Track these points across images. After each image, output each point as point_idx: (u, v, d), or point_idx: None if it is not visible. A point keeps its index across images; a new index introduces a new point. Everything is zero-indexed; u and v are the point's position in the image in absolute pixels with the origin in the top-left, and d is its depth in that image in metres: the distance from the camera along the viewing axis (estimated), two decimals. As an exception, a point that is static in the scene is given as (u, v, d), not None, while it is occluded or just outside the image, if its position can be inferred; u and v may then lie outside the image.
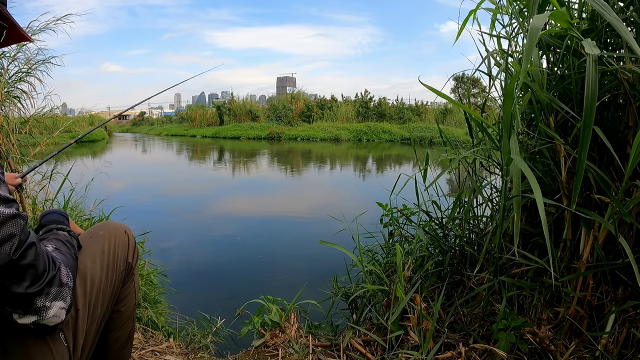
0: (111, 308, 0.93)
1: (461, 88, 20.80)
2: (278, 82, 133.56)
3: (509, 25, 1.53)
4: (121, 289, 0.95)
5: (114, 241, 0.93)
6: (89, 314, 0.82)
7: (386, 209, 1.95)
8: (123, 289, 0.96)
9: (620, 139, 1.19)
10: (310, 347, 1.48)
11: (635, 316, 1.15)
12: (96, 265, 0.86)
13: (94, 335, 0.84)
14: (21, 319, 0.64)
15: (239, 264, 3.41)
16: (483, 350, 1.25)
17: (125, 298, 0.97)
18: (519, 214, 1.03)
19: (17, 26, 0.79)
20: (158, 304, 2.00)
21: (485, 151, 1.58)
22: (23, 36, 0.82)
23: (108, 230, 0.94)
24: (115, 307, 0.95)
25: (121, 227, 0.98)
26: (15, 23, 0.79)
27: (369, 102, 21.94)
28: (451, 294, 1.56)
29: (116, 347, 0.99)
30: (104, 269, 0.88)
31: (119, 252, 0.93)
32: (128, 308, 0.98)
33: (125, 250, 0.95)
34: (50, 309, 0.65)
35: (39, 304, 0.64)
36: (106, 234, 0.93)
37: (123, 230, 0.98)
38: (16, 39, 0.84)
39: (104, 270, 0.88)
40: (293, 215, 5.21)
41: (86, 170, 3.14)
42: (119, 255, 0.93)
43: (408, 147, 15.60)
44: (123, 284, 0.96)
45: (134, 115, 34.44)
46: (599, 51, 0.93)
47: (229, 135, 20.08)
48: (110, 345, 0.97)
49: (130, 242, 0.98)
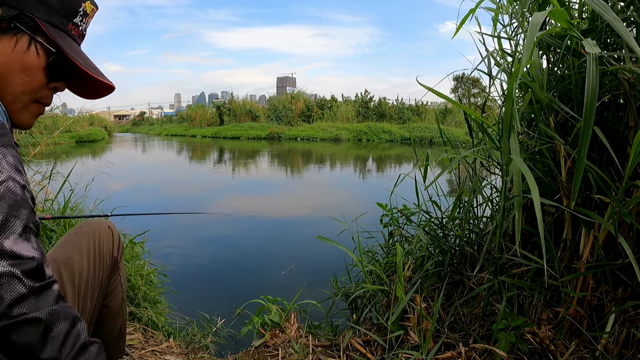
0: (100, 303, 0.95)
1: (461, 88, 20.80)
2: (278, 82, 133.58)
3: (509, 25, 1.53)
4: (107, 284, 0.97)
5: (99, 237, 0.95)
6: (79, 307, 0.84)
7: (386, 209, 1.95)
8: (109, 283, 0.98)
9: (620, 139, 1.19)
10: (310, 347, 1.48)
11: (635, 316, 1.15)
12: (83, 260, 0.88)
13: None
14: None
15: (238, 264, 3.41)
16: (483, 350, 1.25)
17: (112, 292, 0.99)
18: (520, 213, 1.03)
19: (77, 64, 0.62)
20: (158, 304, 2.00)
21: (485, 151, 1.58)
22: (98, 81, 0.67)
23: (92, 226, 0.96)
24: (104, 302, 0.97)
25: (104, 223, 1.00)
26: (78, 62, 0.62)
27: (369, 102, 21.94)
28: (451, 294, 1.56)
29: (108, 341, 1.01)
30: (90, 263, 0.90)
31: (104, 248, 0.95)
32: (116, 302, 1.00)
33: (110, 245, 0.97)
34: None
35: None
36: (90, 230, 0.95)
37: (107, 226, 0.99)
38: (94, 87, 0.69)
39: (91, 264, 0.90)
40: (293, 215, 5.21)
41: (86, 171, 3.14)
42: (104, 250, 0.95)
43: (408, 147, 15.60)
44: (109, 278, 0.98)
45: (134, 115, 34.44)
46: (599, 50, 0.93)
47: (229, 135, 20.08)
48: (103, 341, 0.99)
49: (114, 237, 0.99)
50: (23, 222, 0.50)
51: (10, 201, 0.49)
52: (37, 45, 0.59)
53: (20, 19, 0.57)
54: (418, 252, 1.61)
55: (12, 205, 0.49)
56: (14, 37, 0.58)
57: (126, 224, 2.71)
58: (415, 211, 1.82)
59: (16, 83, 0.59)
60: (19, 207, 0.50)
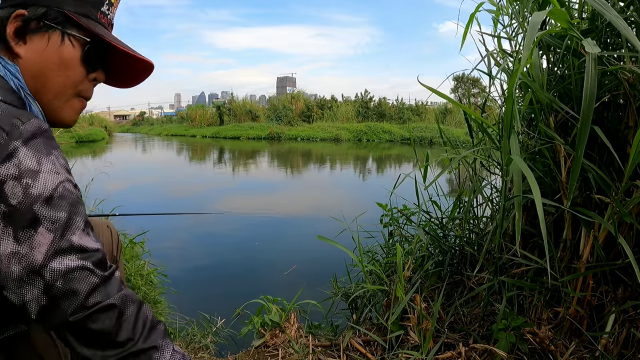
0: None
1: (461, 88, 20.81)
2: (278, 82, 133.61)
3: (509, 25, 1.53)
4: None
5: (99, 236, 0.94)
6: None
7: (386, 209, 1.95)
8: None
9: (620, 139, 1.19)
10: (310, 347, 1.48)
11: (635, 316, 1.15)
12: None
13: None
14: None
15: (238, 263, 3.41)
16: (483, 350, 1.25)
17: None
18: (520, 213, 1.03)
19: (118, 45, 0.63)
20: (158, 304, 2.00)
21: (485, 151, 1.58)
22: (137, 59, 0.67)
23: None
24: None
25: (103, 222, 1.00)
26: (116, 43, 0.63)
27: (369, 102, 21.94)
28: (451, 294, 1.56)
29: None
30: None
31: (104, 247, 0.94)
32: None
33: (109, 245, 0.96)
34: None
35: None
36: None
37: (105, 225, 0.99)
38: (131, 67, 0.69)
39: None
40: (293, 215, 5.21)
41: (86, 170, 3.14)
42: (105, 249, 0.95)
43: (408, 147, 15.60)
44: None
45: (134, 115, 34.45)
46: (599, 50, 0.93)
47: (229, 135, 20.08)
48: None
49: (113, 236, 0.99)
50: (83, 218, 0.54)
51: (70, 200, 0.52)
52: (70, 38, 0.60)
53: (49, 16, 0.58)
54: (418, 252, 1.61)
55: (72, 203, 0.52)
56: (46, 34, 0.58)
57: (126, 224, 2.71)
58: (415, 211, 1.82)
59: (56, 79, 0.60)
60: (77, 205, 0.53)
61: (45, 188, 0.49)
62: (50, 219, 0.49)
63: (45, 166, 0.50)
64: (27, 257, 0.48)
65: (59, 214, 0.50)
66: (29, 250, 0.48)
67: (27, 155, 0.49)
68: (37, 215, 0.49)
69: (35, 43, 0.58)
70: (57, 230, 0.50)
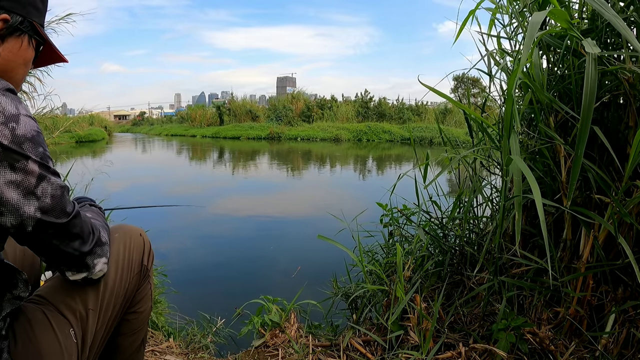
0: (123, 311, 0.92)
1: (461, 88, 20.81)
2: (278, 82, 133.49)
3: (509, 25, 1.53)
4: (137, 292, 0.95)
5: (129, 244, 0.93)
6: (101, 314, 0.82)
7: (386, 209, 1.95)
8: (139, 292, 0.95)
9: (620, 139, 1.19)
10: (310, 347, 1.48)
11: (635, 316, 1.15)
12: (111, 267, 0.85)
13: (103, 336, 0.85)
14: (73, 276, 0.75)
15: (238, 263, 3.41)
16: (483, 350, 1.25)
17: (142, 300, 0.97)
18: (520, 213, 1.03)
19: (53, 47, 0.82)
20: (158, 304, 2.00)
21: (485, 151, 1.58)
22: (59, 57, 0.85)
23: (123, 233, 0.94)
24: (132, 309, 0.95)
25: (137, 230, 0.98)
26: (52, 44, 0.81)
27: (369, 102, 21.94)
28: (451, 294, 1.56)
29: (130, 352, 0.98)
30: (118, 271, 0.87)
31: (134, 255, 0.93)
32: (145, 310, 0.98)
33: (140, 253, 0.95)
34: (97, 265, 0.76)
35: (89, 261, 0.75)
36: (121, 236, 0.92)
37: (138, 233, 0.97)
38: (52, 60, 0.87)
39: (118, 272, 0.87)
40: (293, 215, 5.21)
41: (86, 170, 3.14)
42: (134, 258, 0.93)
43: (408, 147, 15.60)
44: (139, 286, 0.95)
45: (134, 115, 34.43)
46: (599, 50, 0.93)
47: (229, 135, 20.09)
48: (124, 349, 0.97)
49: (145, 245, 0.97)
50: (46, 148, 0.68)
51: (41, 136, 0.66)
52: (32, 41, 0.75)
53: (24, 24, 0.72)
54: (418, 252, 1.61)
55: (42, 139, 0.66)
56: (19, 37, 0.72)
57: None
58: (415, 211, 1.81)
59: (20, 74, 0.74)
60: (43, 139, 0.67)
61: (27, 129, 0.63)
62: (35, 153, 0.63)
63: (22, 110, 0.64)
64: (23, 182, 0.62)
65: (39, 148, 0.64)
66: (24, 177, 0.62)
67: (7, 102, 0.62)
68: (25, 151, 0.62)
69: (11, 44, 0.71)
70: (41, 160, 0.64)
